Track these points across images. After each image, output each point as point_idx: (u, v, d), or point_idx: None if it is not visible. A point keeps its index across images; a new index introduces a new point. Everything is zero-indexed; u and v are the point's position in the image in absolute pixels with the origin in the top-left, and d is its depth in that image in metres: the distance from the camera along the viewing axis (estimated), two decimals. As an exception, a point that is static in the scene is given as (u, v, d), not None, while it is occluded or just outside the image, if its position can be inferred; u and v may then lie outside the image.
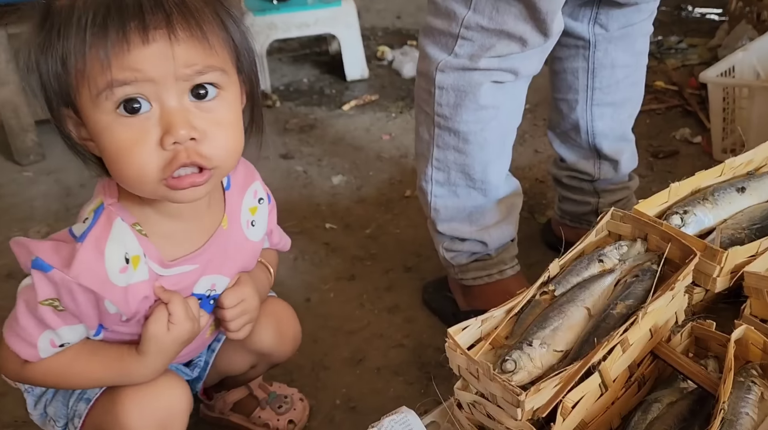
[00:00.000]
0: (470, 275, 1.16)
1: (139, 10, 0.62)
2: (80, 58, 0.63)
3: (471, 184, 1.07)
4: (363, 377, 1.15)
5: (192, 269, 0.77)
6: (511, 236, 1.16)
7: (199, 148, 0.66)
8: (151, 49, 0.62)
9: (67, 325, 0.72)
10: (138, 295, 0.73)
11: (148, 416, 0.77)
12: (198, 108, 0.66)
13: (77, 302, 0.70)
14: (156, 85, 0.64)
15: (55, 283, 0.69)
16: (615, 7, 1.12)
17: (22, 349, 0.73)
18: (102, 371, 0.77)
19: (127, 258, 0.71)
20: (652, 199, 0.91)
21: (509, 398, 0.64)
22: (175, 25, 0.63)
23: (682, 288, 0.77)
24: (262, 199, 0.86)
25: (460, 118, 1.01)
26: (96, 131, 0.66)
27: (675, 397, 0.73)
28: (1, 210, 1.64)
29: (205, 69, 0.65)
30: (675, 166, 1.69)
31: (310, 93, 2.21)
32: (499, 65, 0.97)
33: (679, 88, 2.03)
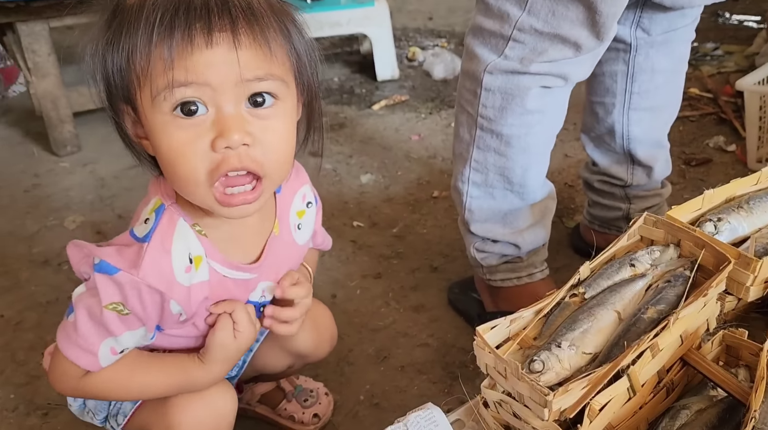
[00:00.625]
0: (499, 277, 1.15)
1: (206, 13, 0.62)
2: (144, 56, 0.63)
3: (509, 187, 1.07)
4: (387, 374, 1.15)
5: (251, 277, 0.78)
6: (544, 240, 1.15)
7: (252, 152, 0.66)
8: (213, 52, 0.63)
9: (129, 330, 0.72)
10: (199, 295, 0.74)
11: (200, 421, 0.78)
12: (253, 115, 0.66)
13: (144, 303, 0.70)
14: (214, 89, 0.64)
15: (121, 285, 0.69)
16: (659, 11, 1.10)
17: (82, 358, 0.72)
18: (164, 380, 0.77)
19: (191, 258, 0.72)
20: (685, 205, 0.90)
21: (537, 397, 0.64)
22: (239, 31, 0.63)
23: (714, 295, 0.76)
24: (310, 202, 0.86)
25: (505, 122, 1.00)
26: (152, 130, 0.67)
27: (704, 404, 0.73)
28: (38, 199, 1.68)
29: (265, 76, 0.65)
30: (708, 174, 1.67)
31: (341, 92, 2.23)
32: (550, 70, 0.95)
33: (714, 96, 2.00)
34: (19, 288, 1.37)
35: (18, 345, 1.23)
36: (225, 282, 0.76)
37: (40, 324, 1.28)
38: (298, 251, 0.86)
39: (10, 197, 1.69)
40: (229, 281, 0.76)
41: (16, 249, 1.49)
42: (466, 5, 2.96)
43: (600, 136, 1.26)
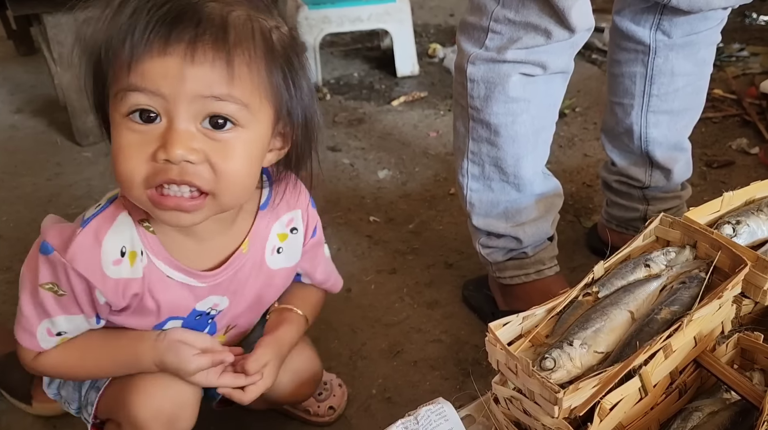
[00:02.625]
0: (507, 274, 1.16)
1: (171, 21, 0.61)
2: (112, 50, 0.63)
3: (504, 178, 1.08)
4: (399, 369, 1.16)
5: (200, 285, 0.76)
6: (547, 235, 1.15)
7: (197, 170, 0.64)
8: (166, 61, 0.61)
9: (65, 314, 0.73)
10: (129, 291, 0.73)
11: (157, 408, 0.77)
12: (209, 136, 0.64)
13: (72, 286, 0.71)
14: (167, 100, 0.62)
15: (53, 265, 0.70)
16: (679, 15, 1.09)
17: (25, 339, 0.75)
18: (114, 365, 0.78)
19: (123, 251, 0.71)
20: (703, 207, 0.90)
21: (547, 395, 0.64)
22: (198, 45, 0.61)
23: (730, 298, 0.76)
24: (295, 229, 0.83)
25: (491, 110, 1.03)
26: (111, 125, 0.67)
27: (717, 407, 0.72)
28: (61, 188, 1.71)
29: (223, 96, 0.63)
30: (729, 176, 1.64)
31: (360, 87, 2.23)
32: (526, 57, 0.98)
33: (738, 97, 1.97)
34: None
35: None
36: (167, 282, 0.74)
37: (60, 310, 1.30)
38: (270, 275, 0.83)
39: (33, 185, 1.72)
40: (173, 283, 0.75)
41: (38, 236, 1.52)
42: (487, 2, 2.94)
43: (618, 137, 1.25)
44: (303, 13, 2.13)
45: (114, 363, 0.78)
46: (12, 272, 1.40)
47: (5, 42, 2.53)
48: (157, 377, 0.78)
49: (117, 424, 0.81)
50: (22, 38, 2.47)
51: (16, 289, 1.36)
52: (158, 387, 0.78)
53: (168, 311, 0.77)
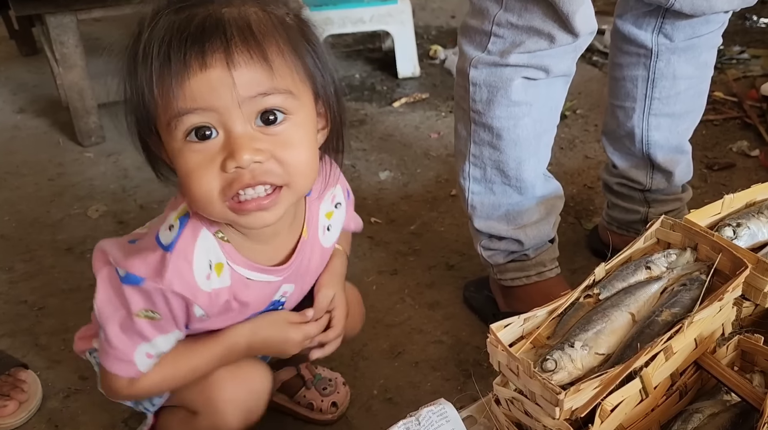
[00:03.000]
0: (508, 276, 1.16)
1: (200, 37, 0.63)
2: (150, 89, 0.65)
3: (506, 181, 1.09)
4: (401, 369, 1.16)
5: (276, 280, 0.80)
6: (549, 237, 1.16)
7: (266, 167, 0.67)
8: (209, 75, 0.63)
9: (162, 334, 0.76)
10: (221, 299, 0.76)
11: (238, 401, 0.82)
12: (265, 132, 0.67)
13: (171, 307, 0.74)
14: (219, 112, 0.64)
15: (148, 293, 0.72)
16: (681, 18, 1.09)
17: (122, 369, 0.76)
18: (208, 363, 0.81)
19: (211, 265, 0.74)
20: (704, 209, 0.90)
21: (548, 396, 0.65)
22: (233, 50, 0.63)
23: (730, 300, 0.76)
24: (339, 203, 0.87)
25: (493, 114, 1.03)
26: (171, 155, 0.69)
27: (717, 409, 0.73)
28: (63, 188, 1.72)
29: (269, 90, 0.65)
30: (730, 179, 1.65)
31: (362, 89, 2.24)
32: (529, 62, 0.98)
33: (738, 100, 1.98)
34: (43, 274, 1.40)
35: (40, 330, 1.26)
36: (249, 284, 0.78)
37: (62, 310, 1.30)
38: (324, 254, 0.87)
39: (36, 185, 1.73)
40: (253, 283, 0.78)
41: (40, 236, 1.52)
42: (489, 4, 2.95)
43: (619, 139, 1.25)
44: (304, 15, 2.13)
45: (207, 360, 0.81)
46: (14, 272, 1.40)
47: (7, 42, 2.53)
48: (238, 370, 0.83)
49: (189, 412, 0.84)
50: (24, 38, 2.47)
51: (18, 289, 1.38)
52: (237, 377, 0.82)
53: (251, 309, 0.81)
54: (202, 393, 0.82)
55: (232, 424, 0.82)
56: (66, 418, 1.08)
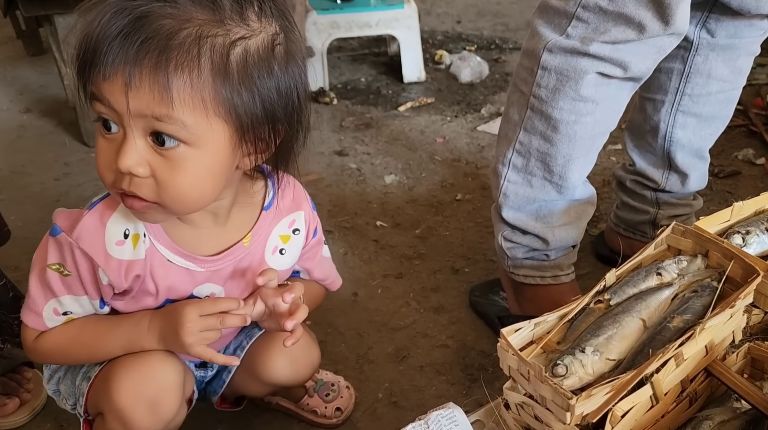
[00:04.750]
0: (522, 272, 1.13)
1: (117, 40, 0.62)
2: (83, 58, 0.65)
3: (548, 176, 1.04)
4: (406, 373, 1.16)
5: (198, 270, 0.78)
6: (574, 242, 1.13)
7: (141, 182, 0.66)
8: (113, 83, 0.63)
9: (71, 294, 0.76)
10: (131, 272, 0.75)
11: (136, 392, 0.77)
12: (157, 151, 0.66)
13: (78, 265, 0.74)
14: (119, 115, 0.65)
15: (60, 246, 0.74)
16: (727, 16, 1.08)
17: (31, 319, 0.78)
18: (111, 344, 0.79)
19: (126, 234, 0.74)
20: (713, 216, 0.90)
21: (559, 401, 0.65)
22: (136, 71, 0.62)
23: (741, 307, 0.76)
24: (297, 230, 0.85)
25: (556, 104, 0.98)
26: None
27: (727, 416, 0.72)
28: (69, 187, 1.72)
29: (161, 117, 0.64)
30: (736, 186, 1.65)
31: (367, 92, 2.24)
32: (610, 54, 0.93)
33: (744, 108, 1.98)
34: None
35: (46, 329, 1.26)
36: (168, 266, 0.77)
37: (67, 310, 1.30)
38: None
39: (41, 185, 1.73)
40: (173, 266, 0.77)
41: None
42: (494, 9, 2.96)
43: (643, 135, 1.25)
44: (312, 18, 2.14)
45: (110, 333, 0.79)
46: (20, 271, 1.40)
47: (15, 42, 2.54)
48: (135, 363, 0.78)
49: (102, 418, 0.81)
50: (32, 38, 2.48)
51: (24, 288, 1.37)
52: (137, 371, 0.78)
53: (166, 294, 0.79)
54: (103, 389, 0.79)
55: (138, 420, 0.77)
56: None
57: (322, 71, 2.20)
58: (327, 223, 1.56)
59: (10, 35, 2.55)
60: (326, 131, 1.98)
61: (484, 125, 2.00)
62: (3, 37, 2.59)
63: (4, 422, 1.05)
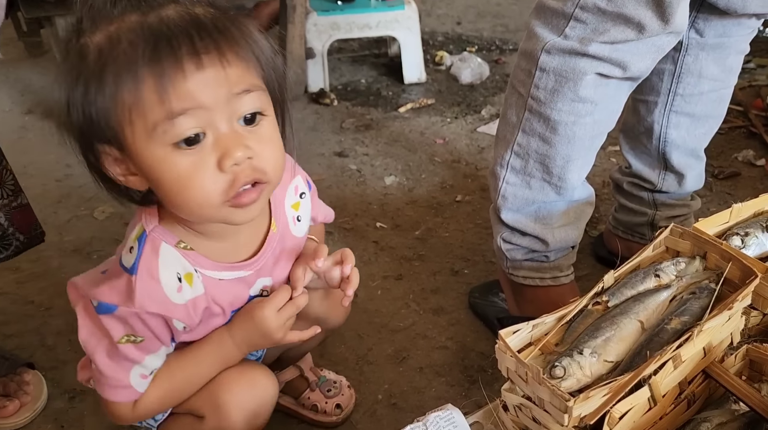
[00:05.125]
0: (522, 274, 1.13)
1: (188, 38, 0.63)
2: (133, 92, 0.63)
3: (547, 178, 1.04)
4: (405, 374, 1.16)
5: (248, 274, 0.80)
6: (573, 243, 1.12)
7: (255, 164, 0.68)
8: (205, 74, 0.63)
9: (150, 354, 0.76)
10: (199, 307, 0.77)
11: (244, 404, 0.82)
12: (246, 131, 0.68)
13: (151, 327, 0.74)
14: (210, 111, 0.64)
15: (124, 319, 0.73)
16: (715, 15, 1.08)
17: (120, 394, 0.77)
18: (204, 370, 0.82)
19: (180, 277, 0.74)
20: (712, 218, 0.90)
21: (557, 403, 0.65)
22: (224, 48, 0.64)
23: (740, 309, 0.76)
24: (303, 193, 0.87)
25: (555, 106, 0.98)
26: (149, 164, 0.66)
27: (725, 418, 0.73)
28: (71, 188, 1.72)
29: (251, 87, 0.66)
30: (735, 187, 1.65)
31: (368, 94, 2.24)
32: (610, 54, 0.93)
33: (744, 109, 1.98)
34: (50, 275, 1.40)
35: (47, 330, 1.26)
36: (222, 285, 0.78)
37: (69, 311, 1.28)
38: (298, 243, 0.87)
39: (43, 187, 1.73)
40: (226, 283, 0.78)
41: (47, 237, 1.52)
42: (494, 11, 2.96)
43: (637, 137, 1.25)
44: (312, 20, 2.14)
45: (200, 363, 0.81)
46: (21, 272, 1.41)
47: (16, 43, 2.54)
48: (243, 375, 0.83)
49: (194, 417, 0.84)
50: (33, 40, 2.48)
51: (25, 289, 1.38)
52: (246, 384, 0.83)
53: (230, 307, 0.81)
54: (209, 398, 0.82)
55: (238, 428, 0.83)
56: (72, 418, 1.08)
57: (322, 72, 2.20)
58: (327, 224, 1.56)
59: (12, 36, 2.56)
60: (326, 132, 1.98)
61: (484, 127, 2.00)
62: (4, 39, 2.60)
63: (4, 423, 1.06)
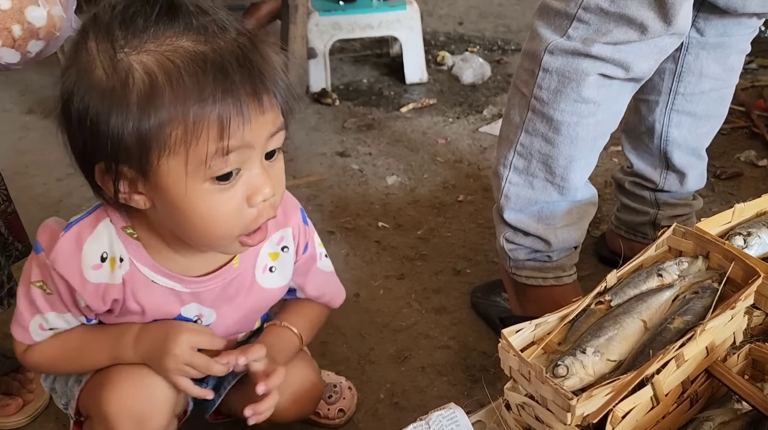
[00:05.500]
0: (524, 273, 1.14)
1: (248, 77, 0.63)
2: (188, 127, 0.62)
3: (550, 178, 1.05)
4: (407, 374, 1.16)
5: (185, 291, 0.77)
6: (577, 242, 1.12)
7: (274, 201, 0.69)
8: (265, 117, 0.65)
9: (55, 311, 0.76)
10: (108, 295, 0.74)
11: (126, 404, 0.77)
12: (268, 166, 0.68)
13: (57, 287, 0.74)
14: (252, 150, 0.65)
15: (42, 265, 0.73)
16: (715, 14, 1.09)
17: (18, 333, 0.78)
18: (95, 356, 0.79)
19: (104, 257, 0.73)
20: (714, 218, 0.90)
21: (560, 402, 0.65)
22: (269, 89, 0.65)
23: (742, 308, 0.76)
24: (286, 247, 0.83)
25: (558, 106, 0.98)
26: (176, 193, 0.65)
27: (728, 417, 0.72)
28: (72, 188, 1.72)
29: (281, 127, 0.68)
30: (738, 188, 1.65)
31: (369, 94, 2.24)
32: (612, 55, 0.94)
33: (746, 109, 1.98)
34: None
35: (48, 330, 1.26)
36: (152, 287, 0.75)
37: (70, 310, 1.30)
38: (262, 294, 0.83)
39: (44, 186, 1.74)
40: (157, 287, 0.76)
41: (48, 236, 1.53)
42: (496, 11, 2.96)
43: (639, 137, 1.25)
44: (314, 20, 2.14)
45: (94, 345, 0.79)
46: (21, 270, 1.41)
47: (17, 43, 2.54)
48: (129, 374, 0.77)
49: (89, 419, 0.82)
50: (34, 40, 2.48)
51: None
52: (130, 383, 0.77)
53: (152, 314, 0.78)
54: (94, 394, 0.79)
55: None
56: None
57: (324, 72, 2.20)
58: (329, 224, 1.56)
59: (14, 36, 2.56)
60: (328, 132, 1.99)
61: (486, 127, 2.00)
62: (6, 39, 2.60)
63: (6, 422, 1.06)
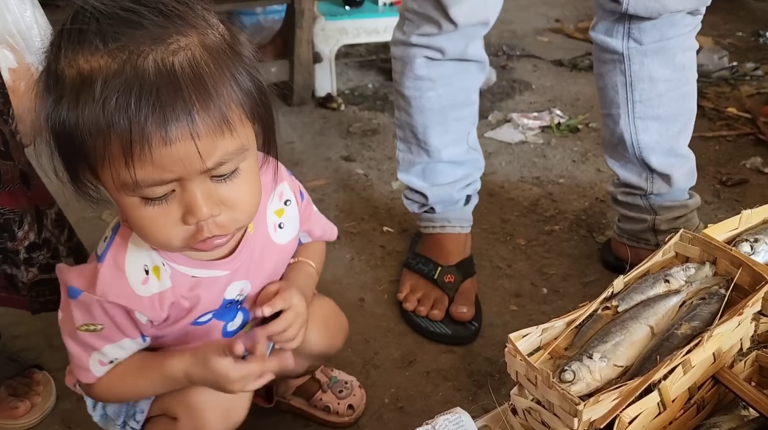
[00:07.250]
0: (421, 224, 1.39)
1: (159, 104, 0.58)
2: (101, 142, 0.60)
3: (417, 143, 1.30)
4: (412, 378, 1.16)
5: (223, 274, 0.78)
6: (453, 200, 1.33)
7: (220, 220, 0.67)
8: (174, 148, 0.60)
9: (110, 343, 0.76)
10: (165, 302, 0.75)
11: (216, 399, 0.80)
12: (219, 185, 0.66)
13: (112, 316, 0.74)
14: (179, 176, 0.62)
15: (86, 305, 0.73)
16: (645, 21, 1.13)
17: (81, 375, 0.79)
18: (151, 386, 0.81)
19: (147, 270, 0.74)
20: (721, 224, 0.90)
21: (567, 407, 0.65)
22: (197, 120, 0.60)
23: (749, 315, 0.76)
24: (288, 200, 0.85)
25: (404, 84, 1.25)
26: (117, 202, 0.66)
27: (735, 424, 0.72)
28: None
29: (224, 158, 0.63)
30: (743, 195, 1.65)
31: (374, 98, 2.25)
32: (427, 43, 1.19)
33: (752, 116, 1.98)
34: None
35: (54, 331, 1.26)
36: (194, 281, 0.77)
37: (75, 312, 1.31)
38: (280, 251, 0.86)
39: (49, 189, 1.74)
40: (199, 280, 0.77)
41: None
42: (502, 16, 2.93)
43: (615, 148, 1.29)
44: (320, 24, 2.15)
45: (150, 384, 0.81)
46: (29, 273, 1.41)
47: (25, 46, 2.56)
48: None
49: (170, 418, 0.83)
50: (42, 43, 2.50)
51: (33, 289, 1.37)
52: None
53: (202, 307, 0.79)
54: (181, 398, 0.81)
55: (212, 424, 0.81)
56: (79, 419, 1.08)
57: (329, 77, 2.21)
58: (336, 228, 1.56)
59: (21, 40, 2.57)
60: (333, 137, 1.99)
61: (491, 132, 2.00)
62: (14, 42, 2.62)
63: (14, 424, 1.06)
